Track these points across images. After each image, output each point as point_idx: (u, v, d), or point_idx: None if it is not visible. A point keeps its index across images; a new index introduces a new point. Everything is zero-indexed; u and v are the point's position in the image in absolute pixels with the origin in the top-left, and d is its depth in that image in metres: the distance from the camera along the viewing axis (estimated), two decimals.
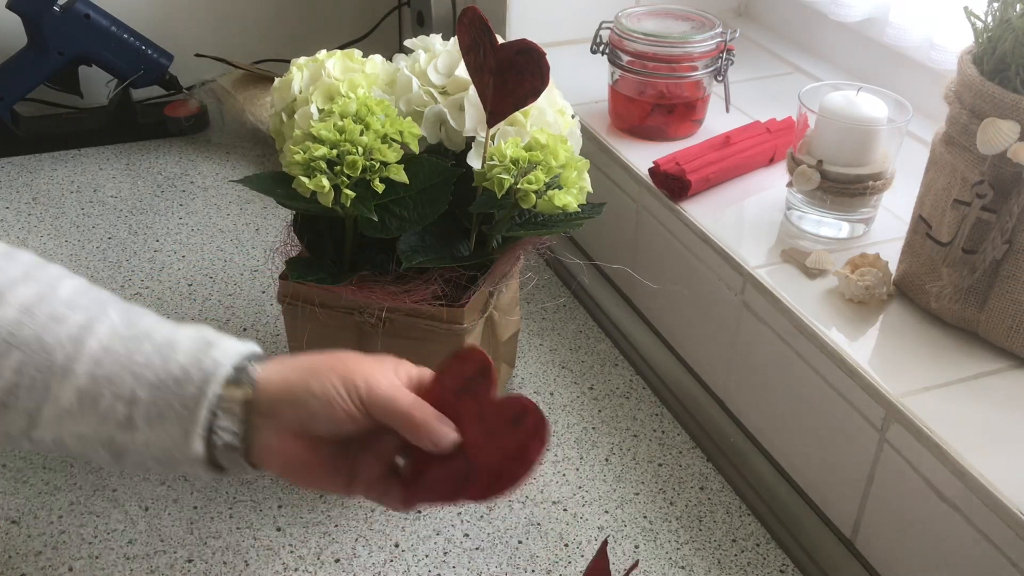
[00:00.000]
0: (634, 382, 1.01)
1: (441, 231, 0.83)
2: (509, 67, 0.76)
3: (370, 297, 0.80)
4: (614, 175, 1.07)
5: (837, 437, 0.80)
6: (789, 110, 1.08)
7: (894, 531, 0.76)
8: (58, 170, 1.36)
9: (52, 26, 1.32)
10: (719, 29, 1.04)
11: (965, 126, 0.74)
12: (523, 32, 1.25)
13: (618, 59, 1.06)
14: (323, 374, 0.58)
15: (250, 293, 1.13)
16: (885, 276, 0.83)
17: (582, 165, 0.79)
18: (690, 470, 0.91)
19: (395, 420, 0.58)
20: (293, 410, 0.58)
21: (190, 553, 0.82)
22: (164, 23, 1.48)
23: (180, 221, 1.25)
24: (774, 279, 0.86)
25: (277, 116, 0.87)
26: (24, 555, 0.81)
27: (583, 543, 0.83)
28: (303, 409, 0.58)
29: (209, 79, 1.47)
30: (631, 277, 1.08)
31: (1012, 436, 0.71)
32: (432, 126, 0.84)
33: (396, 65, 0.88)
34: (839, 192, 0.88)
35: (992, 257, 0.74)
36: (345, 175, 0.74)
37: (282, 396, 0.58)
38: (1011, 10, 0.73)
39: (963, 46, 0.78)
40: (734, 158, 1.00)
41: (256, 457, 0.59)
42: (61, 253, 1.18)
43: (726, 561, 0.82)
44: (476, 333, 0.84)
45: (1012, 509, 0.65)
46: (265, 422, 0.58)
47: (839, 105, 0.87)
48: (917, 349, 0.78)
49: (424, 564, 0.81)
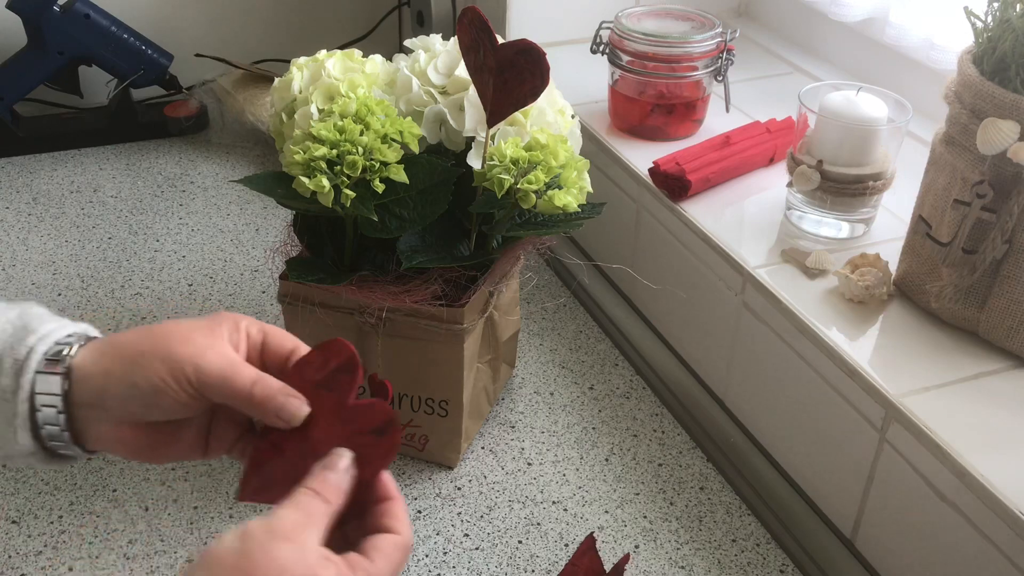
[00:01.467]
0: (634, 382, 1.01)
1: (441, 231, 0.83)
2: (509, 67, 0.76)
3: (370, 297, 0.80)
4: (614, 175, 1.07)
5: (837, 437, 0.80)
6: (789, 110, 1.08)
7: (894, 531, 0.76)
8: (58, 170, 1.36)
9: (52, 26, 1.32)
10: (719, 29, 1.04)
11: (965, 126, 0.74)
12: (523, 32, 1.25)
13: (618, 59, 1.06)
14: (146, 363, 0.52)
15: (250, 293, 1.13)
16: (885, 276, 0.83)
17: (582, 165, 0.79)
18: (690, 470, 0.91)
19: (233, 400, 0.53)
20: (119, 403, 0.53)
21: (190, 553, 0.82)
22: (164, 23, 1.48)
23: (180, 221, 1.25)
24: (774, 279, 0.86)
25: (277, 116, 0.87)
26: (24, 555, 0.81)
27: None
28: (130, 401, 0.53)
29: (209, 79, 1.47)
30: (631, 277, 1.08)
31: (1012, 436, 0.71)
32: (432, 126, 0.84)
33: (396, 65, 0.88)
34: (839, 192, 0.88)
35: (992, 257, 0.74)
36: (345, 175, 0.74)
37: (104, 388, 0.53)
38: (1011, 10, 0.73)
39: (963, 46, 0.78)
40: (734, 158, 1.00)
41: (92, 445, 0.55)
42: (61, 253, 1.18)
43: (726, 561, 0.82)
44: (476, 333, 0.84)
45: (1012, 509, 0.65)
46: (93, 413, 0.54)
47: (839, 105, 0.87)
48: (917, 349, 0.78)
49: (424, 564, 0.81)
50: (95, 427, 0.54)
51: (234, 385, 0.52)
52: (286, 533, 0.48)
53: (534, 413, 0.97)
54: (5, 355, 0.53)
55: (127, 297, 1.11)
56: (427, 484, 0.89)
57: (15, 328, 0.54)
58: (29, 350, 0.53)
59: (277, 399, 0.53)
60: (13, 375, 0.53)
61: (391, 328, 0.82)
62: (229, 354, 0.53)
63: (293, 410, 0.53)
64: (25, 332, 0.54)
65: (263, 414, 0.53)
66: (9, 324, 0.54)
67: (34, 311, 0.56)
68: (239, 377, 0.53)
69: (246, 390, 0.53)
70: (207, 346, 0.53)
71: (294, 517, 0.49)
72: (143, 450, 0.55)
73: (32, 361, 0.53)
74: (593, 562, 0.75)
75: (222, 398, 0.53)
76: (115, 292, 1.12)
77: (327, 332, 0.84)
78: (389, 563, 0.51)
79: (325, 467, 0.52)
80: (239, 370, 0.53)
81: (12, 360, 0.53)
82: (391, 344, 0.83)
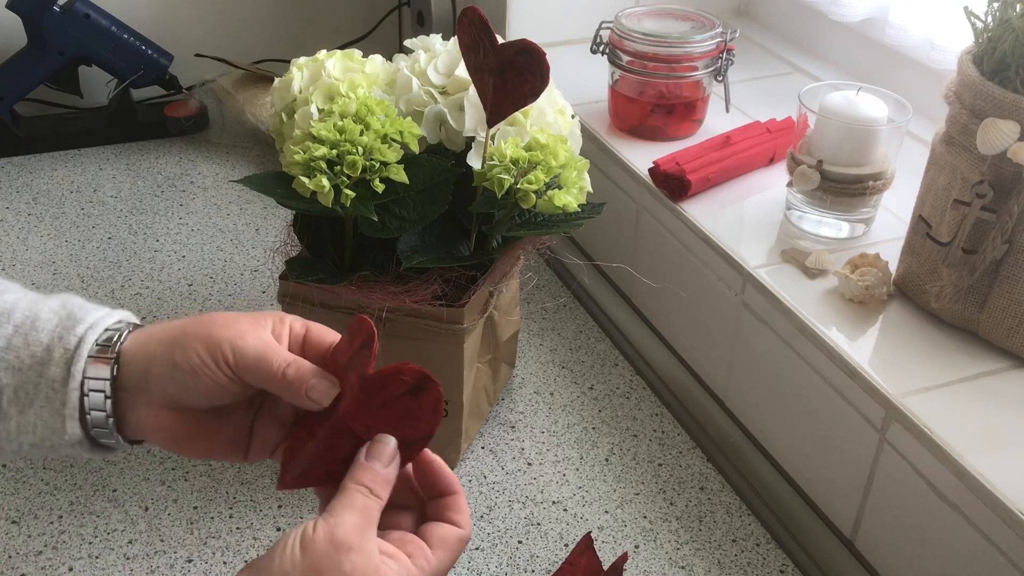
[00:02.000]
0: (634, 382, 1.01)
1: (441, 231, 0.83)
2: (509, 67, 0.76)
3: (370, 297, 0.80)
4: (614, 175, 1.07)
5: (837, 437, 0.80)
6: (789, 110, 1.08)
7: (894, 531, 0.76)
8: (58, 170, 1.36)
9: (52, 26, 1.32)
10: (719, 29, 1.04)
11: (965, 126, 0.74)
12: (523, 32, 1.25)
13: (618, 59, 1.06)
14: (187, 343, 0.53)
15: (250, 293, 1.13)
16: (885, 276, 0.83)
17: (582, 165, 0.79)
18: (690, 470, 0.91)
19: (268, 383, 0.53)
20: (159, 384, 0.54)
21: (190, 553, 0.82)
22: (164, 23, 1.48)
23: (180, 221, 1.25)
24: (774, 279, 0.86)
25: (277, 116, 0.87)
26: (24, 555, 0.81)
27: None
28: (169, 383, 0.53)
29: (209, 79, 1.47)
30: (631, 277, 1.08)
31: (1012, 436, 0.71)
32: (432, 126, 0.84)
33: (396, 65, 0.88)
34: (839, 192, 0.88)
35: (992, 257, 0.74)
36: (345, 175, 0.74)
37: (148, 370, 0.54)
38: (1011, 10, 0.73)
39: (963, 46, 0.78)
40: (734, 158, 1.00)
41: (132, 432, 0.55)
42: (61, 253, 1.18)
43: (726, 561, 0.82)
44: (476, 333, 0.84)
45: (1012, 509, 0.65)
46: (136, 397, 0.54)
47: (839, 105, 0.87)
48: (917, 349, 0.78)
49: None
50: (135, 412, 0.54)
51: (269, 365, 0.53)
52: (350, 542, 0.49)
53: (534, 413, 0.97)
54: (55, 345, 0.53)
55: (127, 297, 1.11)
56: None
57: (60, 318, 0.54)
58: (79, 339, 0.54)
59: (308, 380, 0.53)
60: (64, 364, 0.53)
61: (391, 328, 0.82)
62: (267, 338, 0.54)
63: (324, 389, 0.53)
64: (73, 321, 0.54)
65: (296, 396, 0.53)
66: (53, 314, 0.55)
67: (75, 300, 0.56)
68: (274, 359, 0.53)
69: (280, 371, 0.53)
70: (247, 330, 0.53)
71: (353, 521, 0.49)
72: (181, 439, 0.55)
73: (84, 350, 0.53)
74: (591, 561, 0.75)
75: (256, 379, 0.53)
76: (115, 292, 1.12)
77: None
78: (451, 556, 0.52)
79: (372, 457, 0.52)
80: (275, 352, 0.53)
81: (62, 350, 0.53)
82: (391, 344, 0.83)
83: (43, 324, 0.54)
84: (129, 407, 0.54)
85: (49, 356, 0.53)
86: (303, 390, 0.53)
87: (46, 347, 0.53)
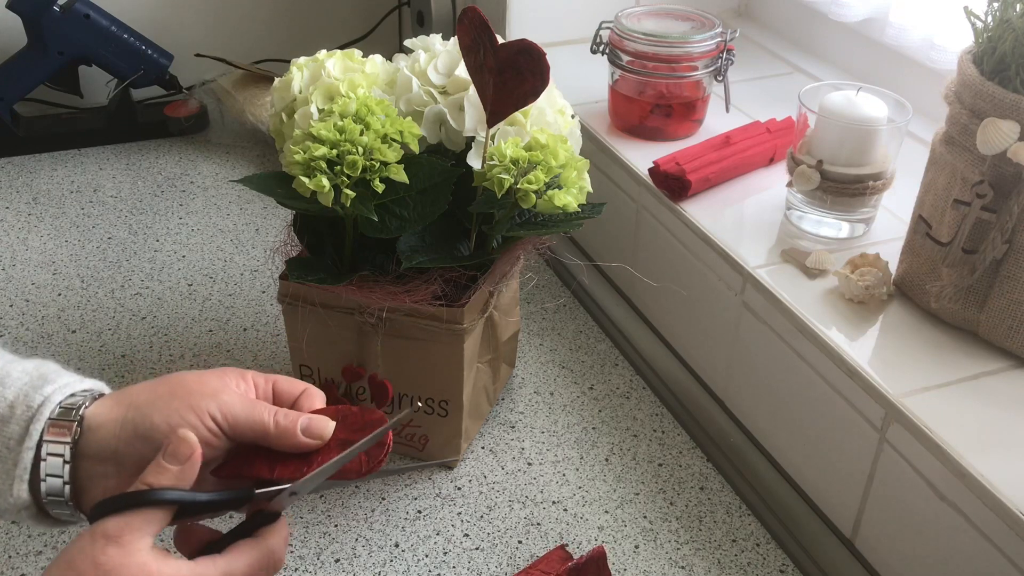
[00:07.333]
0: (634, 382, 1.01)
1: (441, 231, 0.83)
2: (509, 67, 0.76)
3: (370, 297, 0.80)
4: (614, 175, 1.07)
5: (837, 437, 0.80)
6: (789, 110, 1.08)
7: (894, 531, 0.76)
8: (58, 170, 1.36)
9: (52, 26, 1.32)
10: (719, 29, 1.04)
11: (965, 126, 0.74)
12: (523, 32, 1.25)
13: (618, 59, 1.06)
14: (163, 405, 0.53)
15: (250, 293, 1.13)
16: (885, 276, 0.83)
17: (582, 165, 0.79)
18: (690, 470, 0.91)
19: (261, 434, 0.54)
20: (134, 448, 0.53)
21: None
22: (164, 23, 1.48)
23: (180, 221, 1.25)
24: (774, 279, 0.86)
25: (277, 116, 0.87)
26: (24, 555, 0.81)
27: (583, 543, 0.83)
28: (147, 445, 0.52)
29: (209, 79, 1.47)
30: (631, 277, 1.08)
31: (1012, 436, 0.71)
32: (432, 126, 0.84)
33: (396, 65, 0.88)
34: (839, 192, 0.88)
35: (992, 257, 0.74)
36: (345, 175, 0.74)
37: (119, 436, 0.53)
38: (1011, 10, 0.73)
39: (963, 46, 0.78)
40: (734, 158, 1.00)
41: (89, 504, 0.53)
42: (61, 253, 1.18)
43: (726, 561, 0.82)
44: (476, 333, 0.84)
45: (1012, 509, 0.65)
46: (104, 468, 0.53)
47: (839, 105, 0.87)
48: (917, 349, 0.78)
49: (424, 564, 0.81)
50: (101, 484, 0.53)
51: (261, 418, 0.54)
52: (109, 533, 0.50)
53: (534, 413, 0.97)
54: (18, 403, 0.53)
55: (127, 297, 1.11)
56: (427, 484, 0.89)
57: (31, 378, 0.54)
58: (44, 399, 0.53)
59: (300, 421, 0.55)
60: (24, 423, 0.52)
61: (391, 328, 0.82)
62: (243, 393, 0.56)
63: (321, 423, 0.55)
64: (42, 382, 0.54)
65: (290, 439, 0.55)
66: (25, 374, 0.54)
67: (50, 365, 0.56)
68: (264, 410, 0.55)
69: (272, 420, 0.55)
70: (220, 388, 0.55)
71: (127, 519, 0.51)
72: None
73: (46, 410, 0.53)
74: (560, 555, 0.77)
75: (250, 432, 0.54)
76: (115, 292, 1.12)
77: (327, 332, 0.84)
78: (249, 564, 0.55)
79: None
80: (260, 404, 0.55)
81: (25, 407, 0.53)
82: (391, 344, 0.83)
83: (12, 382, 0.54)
84: (96, 479, 0.53)
85: (11, 413, 0.52)
86: (297, 431, 0.54)
87: (10, 404, 0.53)
